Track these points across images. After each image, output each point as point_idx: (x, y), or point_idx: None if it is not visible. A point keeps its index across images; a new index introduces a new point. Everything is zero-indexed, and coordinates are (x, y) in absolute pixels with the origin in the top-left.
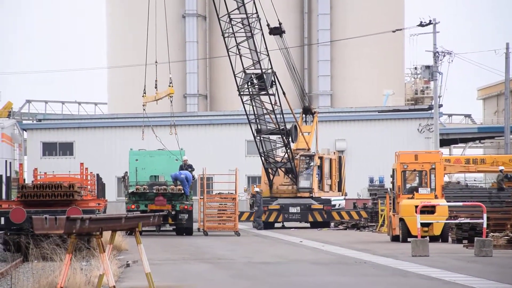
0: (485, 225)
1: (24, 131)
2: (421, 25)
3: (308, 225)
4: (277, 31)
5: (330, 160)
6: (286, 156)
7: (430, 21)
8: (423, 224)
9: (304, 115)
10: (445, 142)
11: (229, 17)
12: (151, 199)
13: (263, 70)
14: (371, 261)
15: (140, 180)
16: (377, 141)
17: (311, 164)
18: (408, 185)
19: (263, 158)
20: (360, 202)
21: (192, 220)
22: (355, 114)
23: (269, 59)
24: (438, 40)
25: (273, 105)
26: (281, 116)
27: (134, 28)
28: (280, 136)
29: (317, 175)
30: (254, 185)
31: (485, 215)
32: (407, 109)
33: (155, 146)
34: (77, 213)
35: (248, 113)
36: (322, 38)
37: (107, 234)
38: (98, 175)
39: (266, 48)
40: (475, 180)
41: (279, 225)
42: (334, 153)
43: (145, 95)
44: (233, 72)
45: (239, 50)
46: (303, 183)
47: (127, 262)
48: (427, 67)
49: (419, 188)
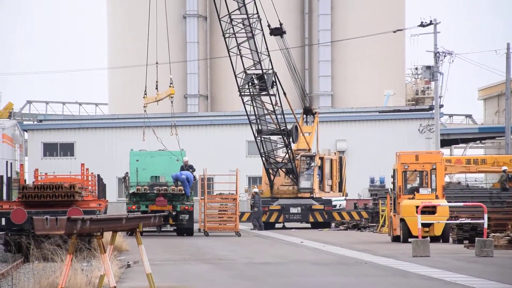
0: (486, 226)
1: (25, 132)
2: (422, 26)
3: (309, 226)
4: (278, 32)
5: (331, 161)
6: (287, 157)
7: (431, 21)
8: (424, 225)
9: (305, 116)
10: (446, 143)
11: (230, 18)
12: (152, 200)
13: (264, 71)
14: (372, 262)
15: (141, 181)
16: (378, 142)
17: (312, 165)
18: (409, 186)
19: (264, 159)
20: (361, 203)
21: (193, 221)
22: (356, 115)
23: (270, 60)
24: (439, 41)
25: (274, 106)
26: (282, 117)
27: (135, 29)
28: (281, 137)
29: (318, 176)
30: (255, 185)
31: (486, 216)
32: (408, 110)
33: (156, 147)
34: (78, 214)
35: (249, 114)
36: (323, 39)
37: (108, 235)
38: (99, 176)
39: (267, 49)
40: (476, 181)
41: (280, 226)
42: (335, 154)
43: (146, 96)
44: (234, 73)
45: (240, 51)
46: (304, 184)
47: (128, 263)
48: (428, 68)
49: (420, 189)
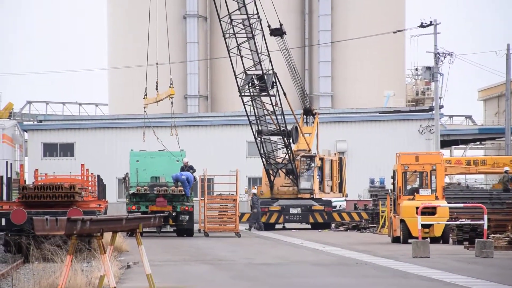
0: (486, 227)
1: (25, 132)
2: (422, 26)
3: (309, 226)
4: (278, 32)
5: (331, 161)
6: (287, 157)
7: (431, 22)
8: (424, 225)
9: (305, 116)
10: (446, 143)
11: (230, 18)
12: (152, 200)
13: (264, 71)
14: (372, 263)
15: (141, 181)
16: (378, 142)
17: (312, 165)
18: (409, 186)
19: (264, 159)
20: (361, 203)
21: (193, 221)
22: (356, 115)
23: (270, 60)
24: (439, 41)
25: (274, 106)
26: (282, 117)
27: (135, 29)
28: (281, 137)
29: (318, 176)
30: (255, 186)
31: (486, 217)
32: (408, 110)
33: (156, 147)
34: (78, 214)
35: (249, 114)
36: (323, 39)
37: (108, 235)
38: (99, 176)
39: (267, 49)
40: (476, 181)
41: (280, 226)
42: (335, 154)
43: (146, 97)
44: (234, 73)
45: (240, 51)
46: (304, 184)
47: (128, 263)
48: (428, 68)
49: (420, 189)
